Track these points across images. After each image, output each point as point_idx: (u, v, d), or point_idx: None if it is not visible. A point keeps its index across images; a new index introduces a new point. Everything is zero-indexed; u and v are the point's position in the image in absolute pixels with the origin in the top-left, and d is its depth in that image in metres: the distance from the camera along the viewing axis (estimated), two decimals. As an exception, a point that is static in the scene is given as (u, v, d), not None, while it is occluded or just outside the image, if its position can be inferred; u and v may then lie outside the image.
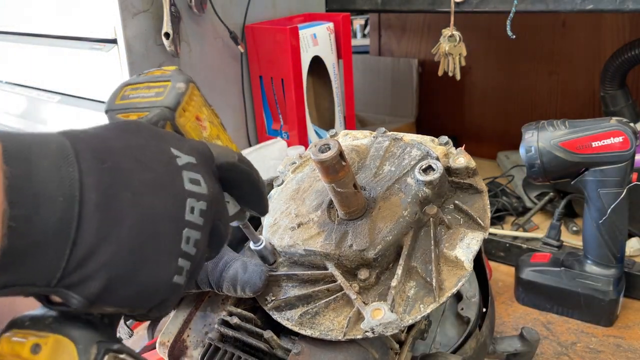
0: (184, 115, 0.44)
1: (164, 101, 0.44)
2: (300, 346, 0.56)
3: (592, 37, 1.47)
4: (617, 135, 0.88)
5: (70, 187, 0.31)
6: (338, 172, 0.54)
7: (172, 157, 0.37)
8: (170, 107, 0.44)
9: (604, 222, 0.92)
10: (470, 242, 0.56)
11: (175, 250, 0.36)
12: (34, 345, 0.33)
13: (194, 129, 0.46)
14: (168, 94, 0.44)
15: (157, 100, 0.44)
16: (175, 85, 0.45)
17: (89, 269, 0.32)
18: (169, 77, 0.46)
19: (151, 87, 0.45)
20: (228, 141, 0.51)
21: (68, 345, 0.34)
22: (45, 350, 0.33)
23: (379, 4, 1.27)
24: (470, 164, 0.62)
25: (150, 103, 0.44)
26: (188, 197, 0.37)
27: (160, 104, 0.44)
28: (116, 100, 0.46)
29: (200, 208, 0.37)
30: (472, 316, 0.72)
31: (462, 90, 1.73)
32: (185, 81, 0.45)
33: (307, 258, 0.59)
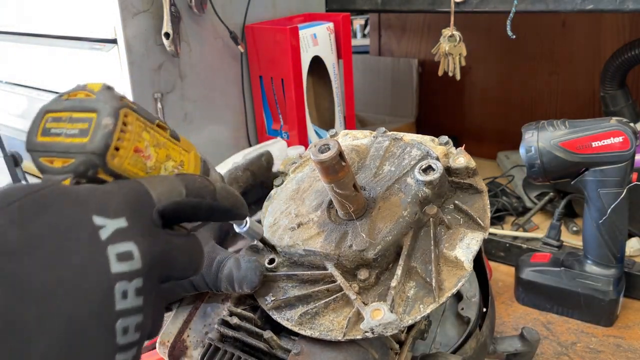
0: (118, 155, 0.37)
1: (90, 145, 0.36)
2: (300, 346, 0.56)
3: (592, 37, 1.47)
4: (617, 135, 0.88)
5: None
6: (338, 172, 0.54)
7: (94, 231, 0.31)
8: (97, 152, 0.36)
9: (604, 222, 0.92)
10: (470, 242, 0.56)
11: (109, 350, 0.31)
12: None
13: (134, 165, 0.39)
14: (93, 134, 0.37)
15: (82, 142, 0.37)
16: (101, 123, 0.37)
17: None
18: (94, 106, 0.38)
19: (74, 119, 0.38)
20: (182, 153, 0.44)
21: None
22: None
23: (379, 4, 1.27)
24: (470, 163, 0.62)
25: (74, 146, 0.37)
26: (116, 282, 0.31)
27: (85, 148, 0.36)
28: (37, 135, 0.38)
29: (136, 287, 0.32)
30: (472, 316, 0.72)
31: (462, 90, 1.73)
32: (112, 113, 0.37)
33: (307, 258, 0.59)
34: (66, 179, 0.37)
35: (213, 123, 1.18)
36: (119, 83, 1.01)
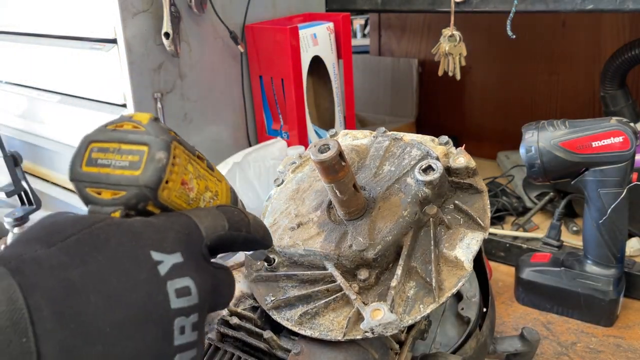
0: (168, 187, 0.37)
1: (142, 178, 0.36)
2: (299, 346, 0.56)
3: (592, 37, 1.47)
4: (617, 135, 0.88)
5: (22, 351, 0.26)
6: (338, 172, 0.54)
7: (153, 266, 0.31)
8: (151, 186, 0.36)
9: (604, 222, 0.92)
10: (470, 242, 0.56)
11: None
12: None
13: (179, 197, 0.39)
14: (146, 168, 0.36)
15: (133, 174, 0.36)
16: (154, 157, 0.36)
17: None
18: (145, 139, 0.37)
19: (123, 151, 0.37)
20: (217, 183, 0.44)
21: None
22: None
23: (379, 3, 1.27)
24: (470, 163, 0.62)
25: (125, 179, 0.36)
26: (176, 317, 0.31)
27: (138, 181, 0.36)
28: (82, 165, 0.37)
29: (192, 322, 0.32)
30: (472, 316, 0.72)
31: (462, 90, 1.73)
32: (165, 147, 0.37)
33: (307, 258, 0.59)
34: (116, 211, 0.36)
35: (213, 123, 1.18)
36: (119, 83, 1.01)
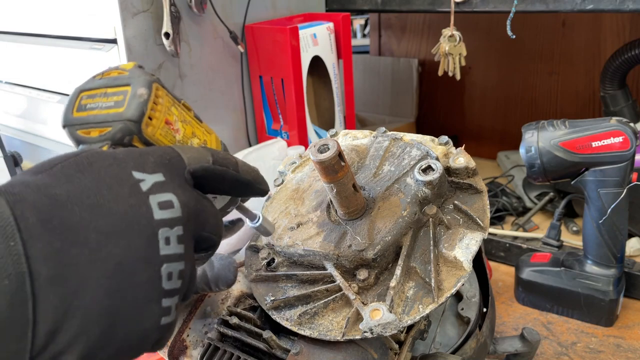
0: (152, 124, 0.40)
1: (126, 113, 0.39)
2: (299, 346, 0.56)
3: (592, 37, 1.47)
4: (617, 135, 0.87)
5: (16, 264, 0.27)
6: (337, 172, 0.54)
7: (135, 184, 0.33)
8: (134, 119, 0.39)
9: (604, 222, 0.92)
10: (470, 242, 0.56)
11: (156, 293, 0.33)
12: None
13: (165, 136, 0.41)
14: (129, 104, 0.40)
15: (118, 111, 0.39)
16: (136, 93, 0.40)
17: (59, 346, 0.29)
18: (127, 81, 0.40)
19: (109, 93, 0.40)
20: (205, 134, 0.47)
21: None
22: None
23: (379, 3, 1.27)
24: (470, 164, 0.62)
25: (110, 116, 0.39)
26: (159, 228, 0.33)
27: (122, 116, 0.39)
28: (73, 112, 0.41)
29: (177, 235, 0.34)
30: (472, 316, 0.72)
31: (462, 90, 1.73)
32: (146, 85, 0.40)
33: (306, 258, 0.59)
34: (103, 146, 0.39)
35: (213, 123, 1.18)
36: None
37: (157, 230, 0.33)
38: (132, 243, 0.32)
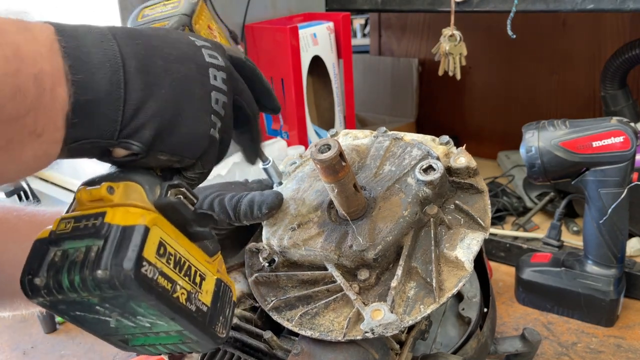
0: (199, 23, 0.51)
1: (181, 10, 0.50)
2: (300, 347, 0.55)
3: (593, 37, 1.47)
4: (617, 135, 0.87)
5: (113, 57, 0.37)
6: (338, 172, 0.54)
7: (191, 41, 0.44)
8: (187, 14, 0.50)
9: (605, 222, 0.92)
10: (471, 242, 0.56)
11: (207, 107, 0.42)
12: (108, 188, 0.38)
13: (207, 36, 0.51)
14: (183, 5, 0.51)
15: (174, 11, 0.50)
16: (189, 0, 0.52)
17: (140, 120, 0.38)
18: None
19: (166, 4, 0.52)
20: None
21: (136, 187, 0.39)
22: (118, 191, 0.38)
23: (379, 3, 1.27)
24: (471, 163, 0.62)
25: (168, 14, 0.50)
26: (210, 66, 0.43)
27: (178, 12, 0.50)
28: (137, 19, 0.51)
29: (222, 77, 0.44)
30: (473, 316, 0.72)
31: (463, 90, 1.73)
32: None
33: (307, 258, 0.59)
34: None
35: (213, 123, 1.18)
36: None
37: (208, 67, 0.43)
38: (192, 68, 0.42)
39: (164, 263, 0.37)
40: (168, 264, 0.37)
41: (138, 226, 0.36)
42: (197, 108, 0.41)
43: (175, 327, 0.38)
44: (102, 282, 0.34)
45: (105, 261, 0.34)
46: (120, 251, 0.34)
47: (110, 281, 0.33)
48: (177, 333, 0.39)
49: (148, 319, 0.37)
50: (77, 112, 0.35)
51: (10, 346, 0.98)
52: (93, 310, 0.36)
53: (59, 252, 0.35)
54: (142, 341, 0.41)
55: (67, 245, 0.35)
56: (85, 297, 0.35)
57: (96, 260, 0.34)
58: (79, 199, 0.38)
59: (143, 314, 0.37)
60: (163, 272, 0.36)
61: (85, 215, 0.37)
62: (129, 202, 0.38)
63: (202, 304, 0.40)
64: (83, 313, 0.37)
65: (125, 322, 0.38)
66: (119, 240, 0.35)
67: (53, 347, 0.98)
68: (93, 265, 0.34)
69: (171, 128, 0.40)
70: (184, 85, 0.41)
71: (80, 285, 0.34)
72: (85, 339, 1.00)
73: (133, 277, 0.34)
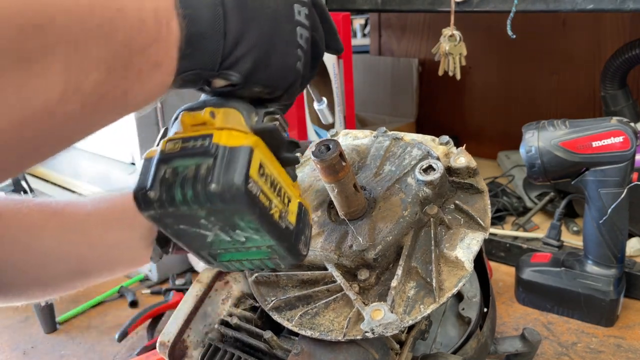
0: None
1: None
2: (300, 346, 0.56)
3: (593, 36, 1.47)
4: (617, 135, 0.87)
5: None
6: (338, 172, 0.54)
7: None
8: None
9: (605, 222, 0.92)
10: (471, 242, 0.56)
11: (294, 42, 0.45)
12: (210, 112, 0.41)
13: None
14: None
15: None
16: None
17: (239, 52, 0.41)
18: None
19: None
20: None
21: (235, 112, 0.43)
22: (219, 115, 0.41)
23: (379, 3, 1.27)
24: (471, 163, 0.62)
25: None
26: (294, 2, 0.45)
27: None
28: None
29: (305, 12, 0.46)
30: (473, 316, 0.72)
31: (463, 90, 1.73)
32: None
33: (307, 258, 0.59)
34: None
35: (213, 123, 1.17)
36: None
37: (293, 3, 0.45)
38: (280, 3, 0.44)
39: (263, 182, 0.40)
40: (266, 184, 0.40)
41: (244, 147, 0.39)
42: (286, 42, 0.44)
43: (267, 242, 0.42)
44: (214, 195, 0.37)
45: (217, 176, 0.37)
46: (230, 168, 0.37)
47: (222, 195, 0.37)
48: (267, 248, 0.43)
49: (245, 234, 0.41)
50: (187, 44, 0.39)
51: (10, 346, 0.98)
52: (196, 225, 0.40)
53: (169, 169, 0.38)
54: (230, 257, 0.44)
55: (176, 163, 0.39)
56: (195, 210, 0.38)
57: (208, 176, 0.37)
58: (182, 121, 0.41)
59: (242, 227, 0.40)
60: (262, 190, 0.40)
61: (192, 137, 0.40)
62: (230, 126, 0.41)
63: (289, 223, 0.43)
64: (186, 227, 0.40)
65: (222, 237, 0.41)
66: (227, 158, 0.38)
67: (53, 347, 0.98)
68: (205, 180, 0.37)
69: (266, 60, 0.43)
70: (275, 20, 0.44)
71: (193, 198, 0.37)
72: (85, 339, 1.00)
73: (243, 192, 0.37)
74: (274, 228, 0.41)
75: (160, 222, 0.40)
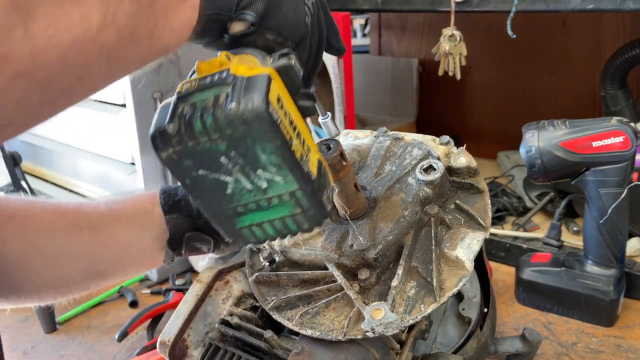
0: None
1: None
2: (300, 346, 0.56)
3: (593, 36, 1.47)
4: (617, 135, 0.87)
5: None
6: (339, 172, 0.54)
7: None
8: None
9: (605, 222, 0.92)
10: (471, 242, 0.56)
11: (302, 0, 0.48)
12: (226, 55, 0.41)
13: None
14: None
15: None
16: None
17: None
18: None
19: None
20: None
21: (250, 56, 0.44)
22: (234, 58, 0.42)
23: (379, 3, 1.27)
24: (471, 163, 0.62)
25: None
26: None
27: None
28: None
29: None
30: (473, 316, 0.72)
31: (463, 90, 1.73)
32: None
33: (308, 258, 0.59)
34: None
35: (213, 123, 1.17)
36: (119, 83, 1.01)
37: None
38: None
39: (282, 114, 0.39)
40: (285, 118, 0.39)
41: (262, 74, 0.38)
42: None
43: (290, 185, 0.40)
44: (235, 115, 0.36)
45: (237, 97, 0.36)
46: (249, 90, 0.37)
47: (243, 114, 0.36)
48: (289, 197, 0.41)
49: (267, 174, 0.39)
50: None
51: (10, 346, 0.98)
52: (216, 167, 0.38)
53: (187, 106, 0.38)
54: (250, 219, 0.42)
55: (195, 99, 0.38)
56: (216, 139, 0.37)
57: (228, 100, 0.37)
58: (198, 68, 0.41)
59: (264, 164, 0.38)
60: (282, 121, 0.38)
61: (209, 74, 0.40)
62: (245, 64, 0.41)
63: (310, 171, 0.41)
64: (205, 172, 0.38)
65: (243, 183, 0.39)
66: (246, 84, 0.37)
67: (53, 347, 0.98)
68: (225, 103, 0.36)
69: (277, 6, 0.46)
70: None
71: (213, 124, 0.36)
72: (85, 338, 1.00)
73: (264, 110, 0.36)
74: (296, 165, 0.39)
75: (178, 167, 0.39)
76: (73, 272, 0.66)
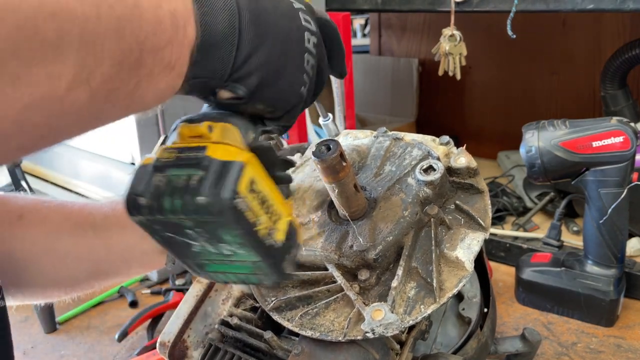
0: None
1: None
2: (300, 347, 0.56)
3: (593, 36, 1.47)
4: (617, 135, 0.87)
5: (231, 6, 0.41)
6: (338, 172, 0.54)
7: (291, 2, 0.46)
8: None
9: (605, 222, 0.92)
10: (471, 242, 0.56)
11: (301, 67, 0.46)
12: (208, 126, 0.42)
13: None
14: None
15: None
16: None
17: (249, 67, 0.42)
18: None
19: None
20: None
21: (232, 129, 0.43)
22: (216, 130, 0.42)
23: (379, 3, 1.27)
24: (471, 163, 0.62)
25: None
26: (305, 30, 0.46)
27: None
28: None
29: (313, 42, 0.47)
30: (473, 316, 0.72)
31: (463, 90, 1.73)
32: None
33: (308, 259, 0.59)
34: None
35: (213, 123, 1.17)
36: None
37: (304, 30, 0.46)
38: (293, 28, 0.45)
39: (252, 198, 0.40)
40: (255, 200, 0.41)
41: (236, 162, 0.40)
42: (294, 65, 0.45)
43: (252, 257, 0.42)
44: (201, 207, 0.37)
45: (205, 189, 0.37)
46: (219, 182, 0.38)
47: (209, 207, 0.37)
48: (251, 263, 0.43)
49: (230, 248, 0.41)
50: (200, 51, 0.39)
51: (11, 346, 0.98)
52: (183, 234, 0.40)
53: (162, 177, 0.39)
54: (216, 268, 0.45)
55: (170, 172, 0.39)
56: (183, 220, 0.39)
57: (197, 187, 0.38)
58: (180, 132, 0.42)
59: (228, 241, 0.40)
60: (251, 207, 0.40)
61: (187, 147, 0.41)
62: (226, 141, 0.41)
63: (276, 241, 0.43)
64: (174, 235, 0.41)
65: (208, 248, 0.42)
66: (218, 172, 0.38)
67: (53, 347, 0.98)
68: (194, 191, 0.38)
69: (274, 80, 0.44)
70: (286, 42, 0.44)
71: (181, 208, 0.38)
72: (85, 338, 1.00)
73: (229, 206, 0.38)
74: (258, 245, 0.41)
75: (149, 228, 0.41)
76: (78, 272, 0.66)
